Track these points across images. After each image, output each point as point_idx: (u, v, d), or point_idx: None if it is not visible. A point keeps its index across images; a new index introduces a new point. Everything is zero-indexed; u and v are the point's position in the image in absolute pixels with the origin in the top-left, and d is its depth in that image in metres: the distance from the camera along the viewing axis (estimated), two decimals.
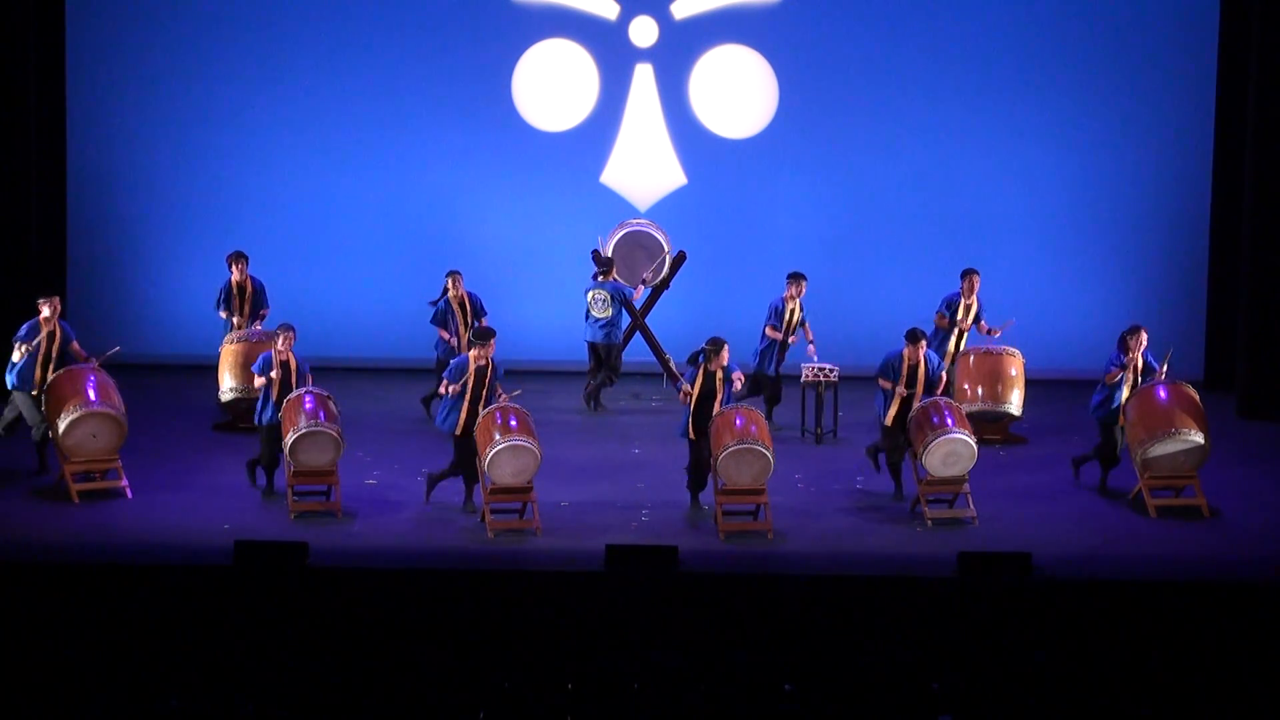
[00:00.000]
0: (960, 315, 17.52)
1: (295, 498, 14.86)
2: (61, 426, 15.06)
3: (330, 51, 19.97)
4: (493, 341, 14.98)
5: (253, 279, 17.69)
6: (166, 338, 19.80)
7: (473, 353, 14.93)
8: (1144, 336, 15.61)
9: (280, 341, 15.32)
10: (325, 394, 15.18)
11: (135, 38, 19.93)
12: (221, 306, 17.71)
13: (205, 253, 19.95)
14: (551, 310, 19.52)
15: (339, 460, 14.91)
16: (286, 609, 12.99)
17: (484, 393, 14.85)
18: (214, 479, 15.77)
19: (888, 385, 15.36)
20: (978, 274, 17.60)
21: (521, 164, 20.10)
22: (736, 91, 20.12)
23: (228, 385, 17.29)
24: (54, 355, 15.69)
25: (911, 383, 15.35)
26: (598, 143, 20.20)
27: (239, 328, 17.52)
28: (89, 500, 15.02)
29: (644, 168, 20.23)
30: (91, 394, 15.22)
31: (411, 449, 16.85)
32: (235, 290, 17.65)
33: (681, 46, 20.11)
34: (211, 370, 17.60)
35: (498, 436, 14.47)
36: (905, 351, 15.39)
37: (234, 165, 20.05)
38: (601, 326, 18.32)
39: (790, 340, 17.59)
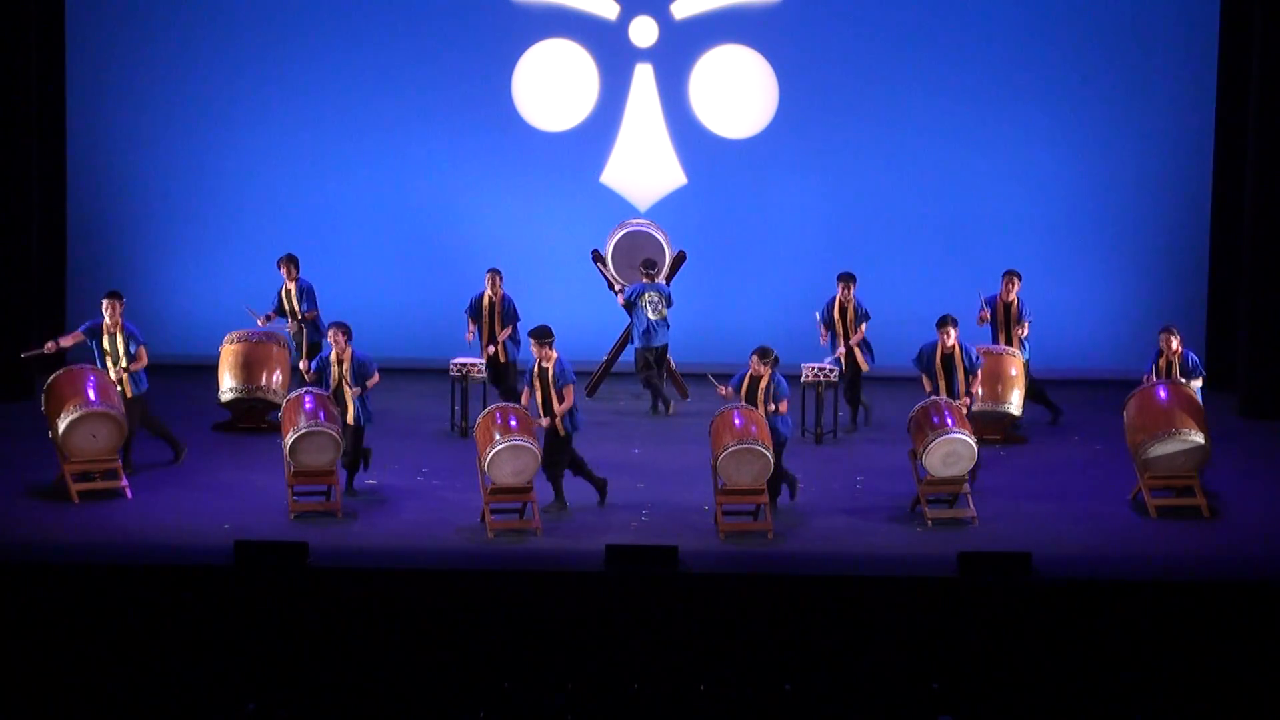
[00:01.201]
0: (1000, 315, 17.55)
1: (295, 498, 14.86)
2: (61, 427, 15.06)
3: (329, 51, 19.96)
4: (540, 342, 15.02)
5: (300, 284, 17.71)
6: (166, 338, 19.76)
7: (536, 356, 15.08)
8: (1174, 339, 15.69)
9: (333, 345, 15.34)
10: (325, 394, 15.19)
11: (135, 38, 19.93)
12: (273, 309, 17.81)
13: (205, 253, 19.98)
14: (551, 310, 19.43)
15: (339, 460, 14.93)
16: (286, 609, 12.99)
17: (551, 394, 14.90)
18: (214, 479, 15.77)
19: (929, 386, 15.47)
20: (1018, 275, 17.62)
21: (521, 164, 20.09)
22: (736, 91, 20.11)
23: (228, 385, 17.32)
24: (119, 354, 15.81)
25: (948, 374, 15.41)
26: (598, 143, 20.20)
27: (293, 332, 17.64)
28: (89, 500, 15.02)
29: (644, 168, 20.23)
30: (91, 394, 15.23)
31: (412, 449, 16.86)
32: (283, 295, 17.71)
33: (681, 46, 20.10)
34: (211, 370, 17.62)
35: (498, 436, 14.47)
36: (938, 340, 15.52)
37: (234, 165, 20.05)
38: (656, 328, 18.25)
39: (850, 341, 17.48)
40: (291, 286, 17.73)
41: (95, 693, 11.75)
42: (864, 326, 17.60)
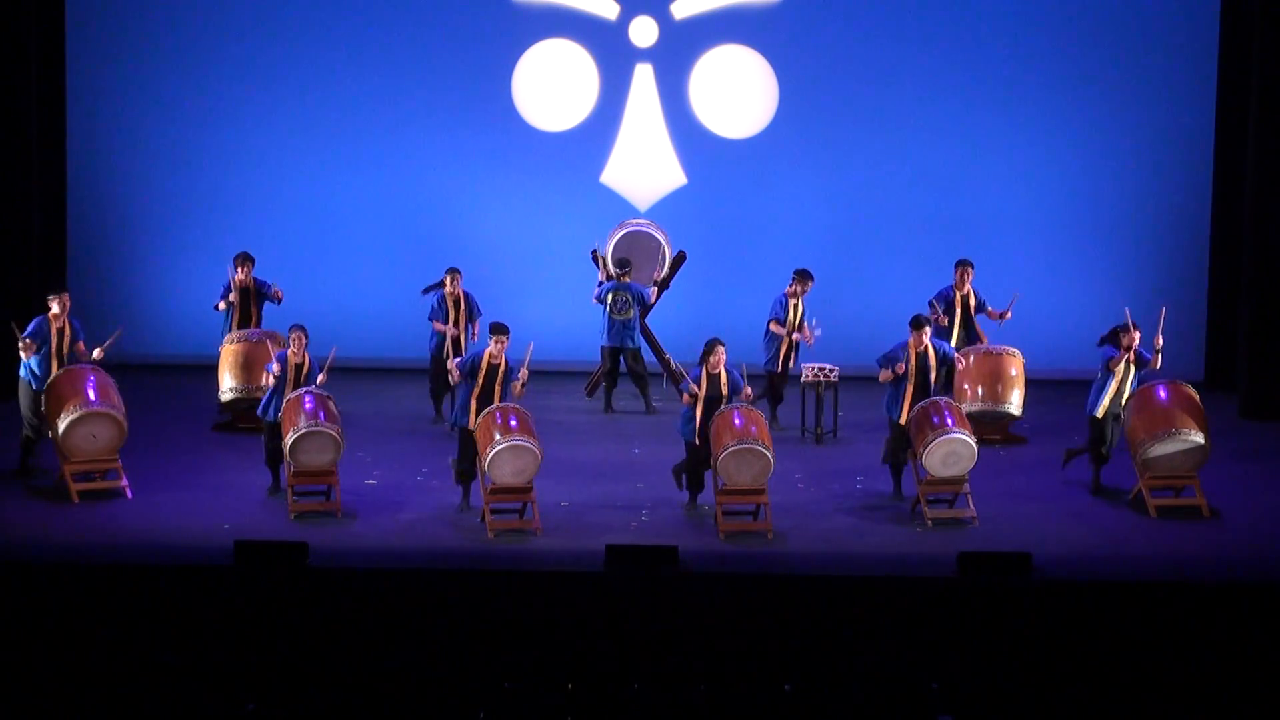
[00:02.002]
0: (958, 308, 17.51)
1: (295, 498, 14.86)
2: (61, 427, 15.05)
3: (330, 51, 19.97)
4: (506, 337, 15.01)
5: (256, 280, 17.73)
6: (166, 338, 19.79)
7: (489, 348, 14.97)
8: (1135, 335, 15.63)
9: (293, 344, 15.35)
10: (325, 394, 15.19)
11: (135, 38, 19.93)
12: (222, 301, 17.77)
13: (205, 253, 19.96)
14: (551, 310, 19.51)
15: (339, 460, 14.92)
16: (286, 609, 12.99)
17: (495, 389, 14.87)
18: (214, 479, 15.76)
19: (887, 375, 15.37)
20: (971, 264, 17.60)
21: (521, 164, 20.09)
22: (736, 91, 20.12)
23: (228, 385, 17.31)
24: (65, 352, 15.70)
25: (920, 373, 15.36)
26: (598, 143, 20.20)
27: (238, 327, 17.59)
28: (89, 500, 15.02)
29: (644, 168, 20.23)
30: (91, 394, 15.22)
31: (411, 449, 16.86)
32: (238, 291, 17.69)
33: (681, 46, 20.10)
34: (211, 370, 17.61)
35: (498, 436, 14.47)
36: (910, 340, 15.44)
37: (234, 165, 20.05)
38: (622, 329, 18.26)
39: (796, 338, 17.55)
40: (251, 284, 17.69)
41: (95, 693, 11.74)
42: (809, 332, 17.52)
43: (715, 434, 14.66)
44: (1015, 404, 17.27)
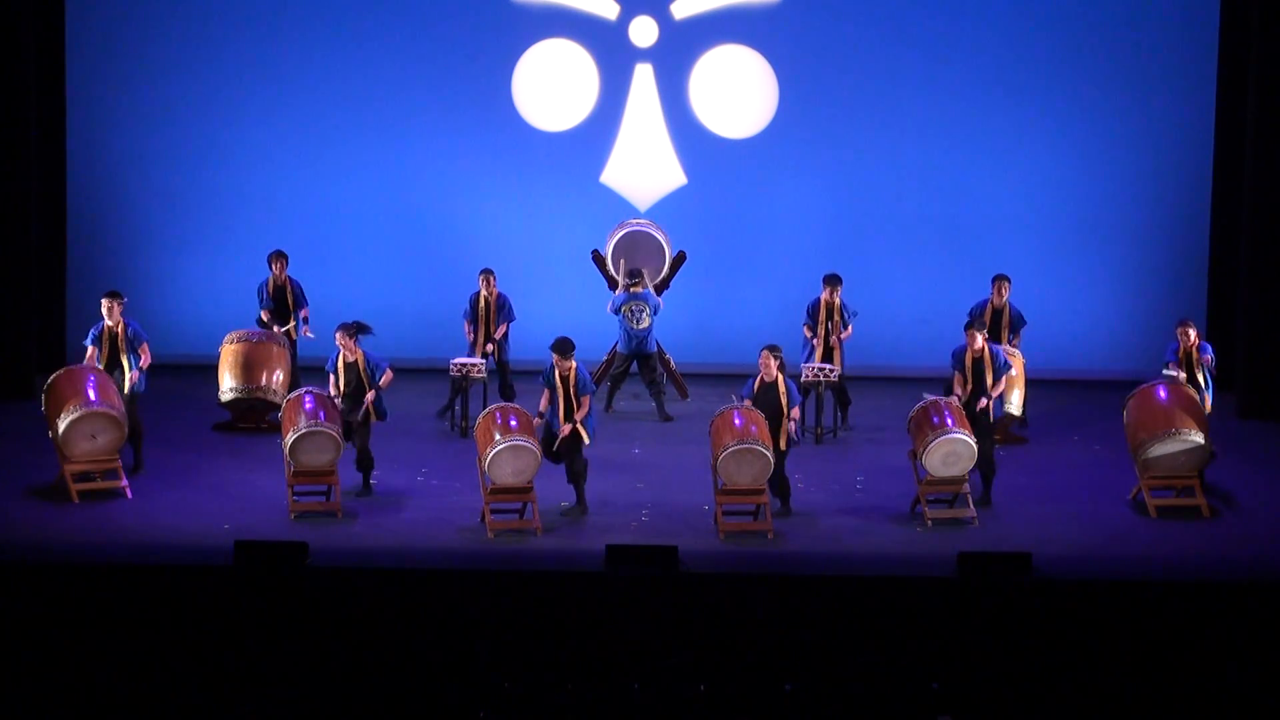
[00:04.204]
0: (988, 320, 17.44)
1: (295, 498, 14.86)
2: (61, 427, 15.06)
3: (330, 51, 19.97)
4: (559, 357, 14.98)
5: (291, 279, 17.82)
6: (166, 338, 19.75)
7: (556, 364, 15.05)
8: (1191, 331, 15.68)
9: (339, 342, 15.37)
10: (326, 394, 15.20)
11: (135, 37, 19.93)
12: (262, 306, 17.89)
13: (205, 253, 19.99)
14: (551, 309, 19.49)
15: (339, 460, 14.93)
16: (286, 609, 13.00)
17: (572, 400, 14.92)
18: (214, 479, 15.77)
19: (960, 386, 15.36)
20: (1008, 279, 17.58)
21: (521, 164, 20.09)
22: (736, 91, 20.11)
23: (227, 385, 17.33)
24: (120, 354, 15.78)
25: (976, 377, 15.35)
26: (598, 143, 20.20)
27: (273, 327, 17.67)
28: (89, 500, 15.02)
29: (644, 168, 20.22)
30: (91, 394, 15.23)
31: (412, 449, 16.85)
32: (273, 290, 17.77)
33: (681, 46, 20.10)
34: (211, 370, 17.62)
35: (498, 436, 14.48)
36: (967, 343, 15.47)
37: (234, 165, 20.05)
38: (640, 337, 18.23)
39: (831, 343, 17.49)
40: (286, 282, 17.82)
41: (95, 693, 11.75)
42: (851, 327, 17.53)
43: (715, 434, 14.66)
44: (1015, 404, 17.26)
